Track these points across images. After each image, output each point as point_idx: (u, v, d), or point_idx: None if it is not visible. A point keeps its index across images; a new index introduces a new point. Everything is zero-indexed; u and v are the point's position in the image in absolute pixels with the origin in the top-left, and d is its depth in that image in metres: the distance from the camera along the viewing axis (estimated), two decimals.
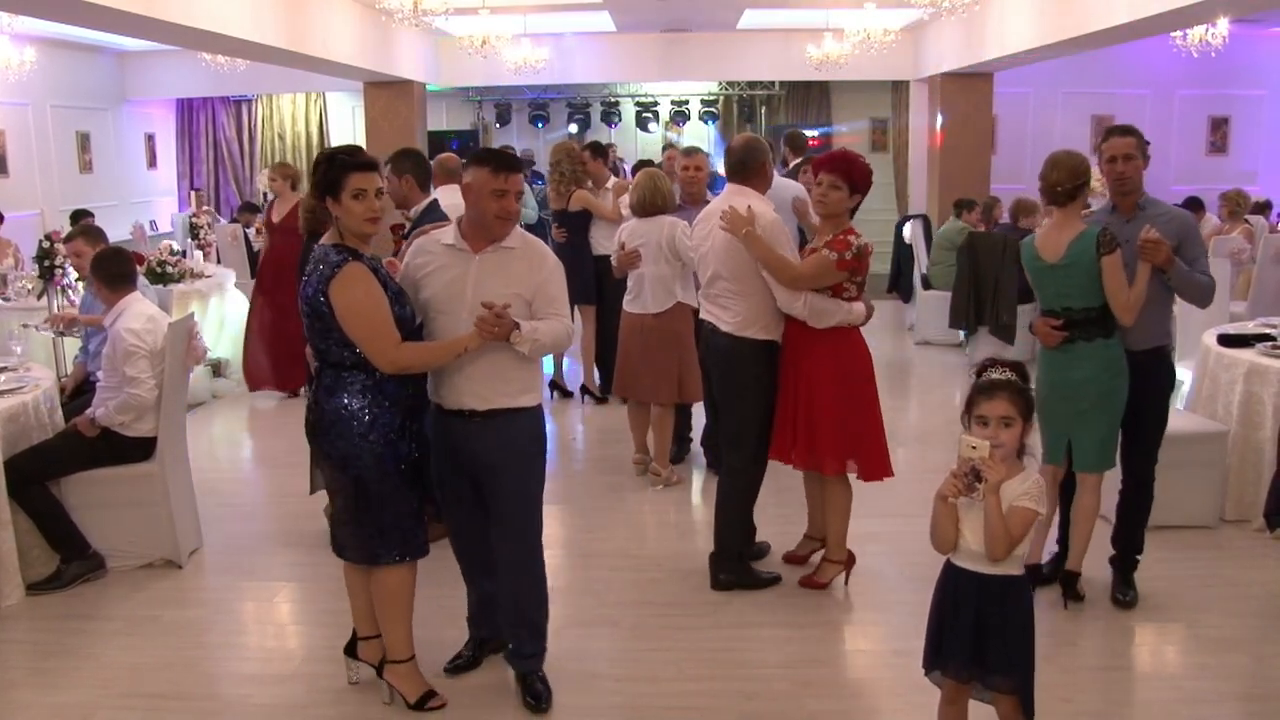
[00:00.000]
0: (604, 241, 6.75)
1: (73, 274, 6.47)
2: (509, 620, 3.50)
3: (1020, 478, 2.71)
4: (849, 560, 4.34)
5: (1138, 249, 3.85)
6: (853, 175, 4.03)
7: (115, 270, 4.65)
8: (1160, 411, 4.11)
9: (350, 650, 3.59)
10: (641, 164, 10.52)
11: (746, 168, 4.28)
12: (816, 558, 4.48)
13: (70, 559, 4.41)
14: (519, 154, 9.39)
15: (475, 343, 3.18)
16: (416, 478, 3.33)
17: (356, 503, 3.26)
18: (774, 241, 4.05)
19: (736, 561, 4.34)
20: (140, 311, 4.55)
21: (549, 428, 3.58)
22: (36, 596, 4.29)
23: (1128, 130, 4.01)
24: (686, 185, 5.77)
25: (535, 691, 3.44)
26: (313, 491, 4.93)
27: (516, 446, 3.34)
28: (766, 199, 4.27)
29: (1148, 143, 4.01)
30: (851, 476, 4.25)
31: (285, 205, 7.69)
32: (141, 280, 5.87)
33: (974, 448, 2.65)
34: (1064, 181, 3.89)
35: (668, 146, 13.99)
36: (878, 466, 4.20)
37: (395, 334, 3.15)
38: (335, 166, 3.16)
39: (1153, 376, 4.03)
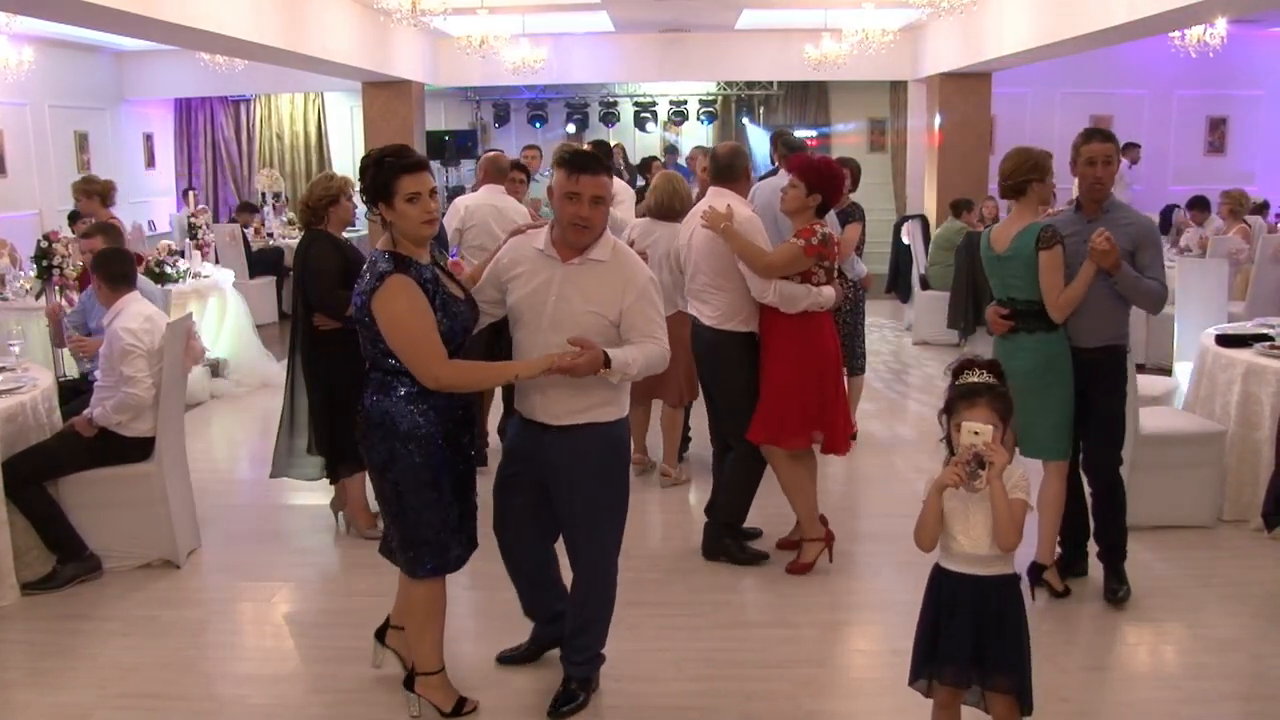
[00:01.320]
0: None
1: (72, 273, 6.46)
2: (569, 623, 3.44)
3: (1007, 471, 2.70)
4: (827, 536, 4.47)
5: (1088, 249, 3.91)
6: (809, 176, 4.27)
7: (116, 270, 4.65)
8: (1111, 410, 4.09)
9: (380, 635, 3.59)
10: (646, 162, 10.52)
11: (733, 172, 4.54)
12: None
13: (66, 560, 4.40)
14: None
15: (527, 372, 3.08)
16: (458, 490, 3.21)
17: (394, 509, 3.18)
18: (749, 235, 4.27)
19: (728, 531, 4.55)
20: (138, 311, 4.55)
21: None
22: (33, 597, 4.28)
23: (1109, 136, 4.08)
24: (704, 185, 5.81)
25: (564, 693, 3.40)
26: (273, 475, 5.05)
27: (589, 461, 3.23)
28: (745, 200, 4.53)
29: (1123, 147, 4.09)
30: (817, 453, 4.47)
31: None
32: (147, 282, 5.87)
33: (976, 433, 2.66)
34: (1010, 175, 4.06)
35: (669, 148, 14.14)
36: (839, 440, 4.43)
37: (439, 349, 3.02)
38: (384, 170, 3.01)
39: (1100, 375, 4.04)
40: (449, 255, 3.31)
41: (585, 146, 7.54)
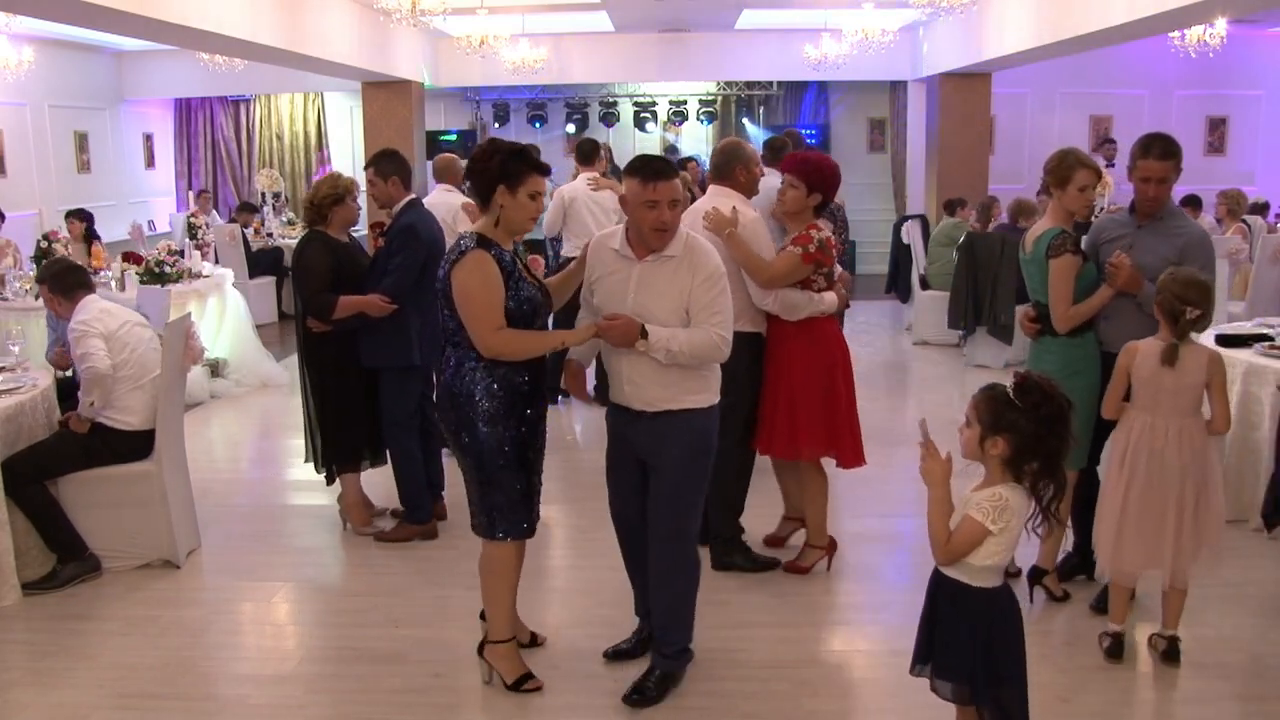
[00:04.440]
0: (576, 243, 6.83)
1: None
2: (654, 613, 3.50)
3: (988, 490, 2.64)
4: (830, 545, 4.46)
5: (1106, 270, 3.85)
6: (809, 175, 4.20)
7: (69, 281, 4.63)
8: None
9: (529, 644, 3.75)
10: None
11: (721, 171, 4.42)
12: (796, 538, 4.61)
13: (66, 560, 4.40)
14: None
15: (573, 339, 3.34)
16: (524, 461, 3.37)
17: (472, 475, 3.36)
18: (753, 242, 4.20)
19: (732, 544, 4.49)
20: (91, 305, 4.54)
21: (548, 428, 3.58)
22: (33, 596, 4.28)
23: (1169, 152, 3.85)
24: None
25: (641, 685, 3.43)
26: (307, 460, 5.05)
27: (676, 446, 3.32)
28: (746, 201, 4.37)
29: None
30: (828, 466, 4.40)
31: None
32: (132, 281, 5.86)
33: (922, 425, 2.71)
34: (1045, 174, 4.05)
35: (668, 149, 14.12)
36: (853, 454, 4.35)
37: (496, 320, 3.21)
38: (521, 161, 3.28)
39: None
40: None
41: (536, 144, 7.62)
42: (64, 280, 4.65)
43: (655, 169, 3.25)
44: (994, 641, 2.67)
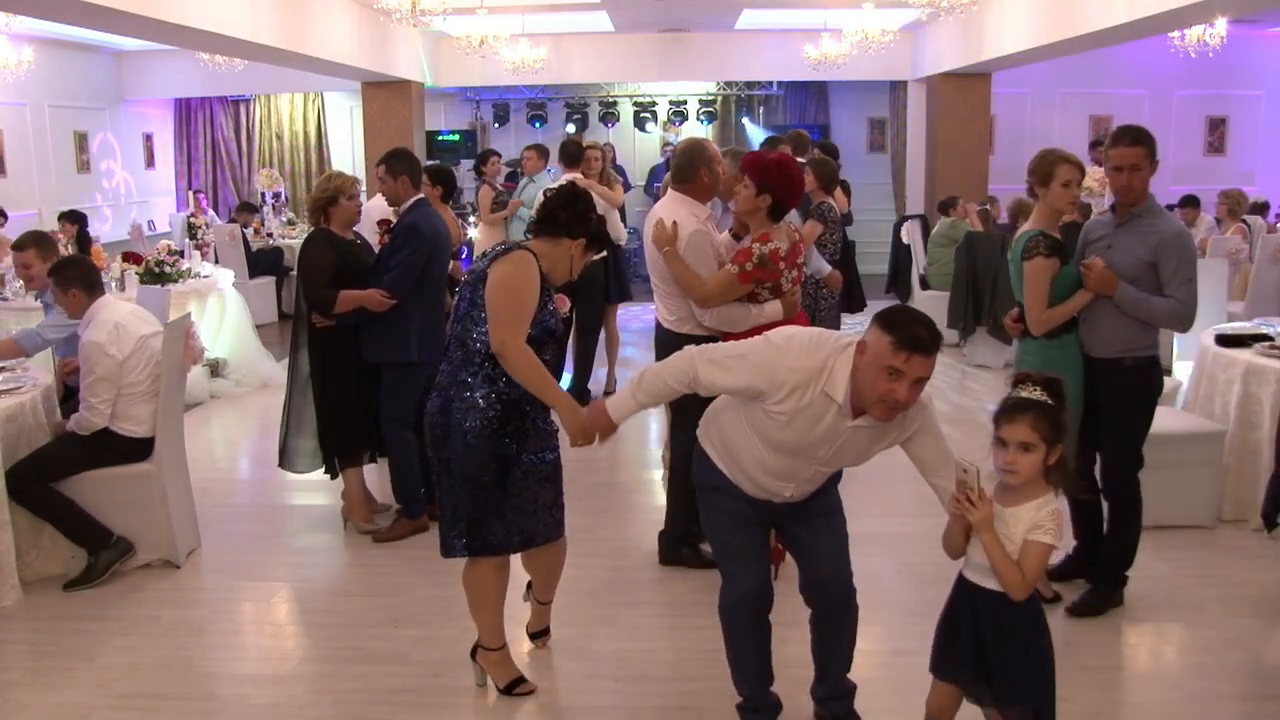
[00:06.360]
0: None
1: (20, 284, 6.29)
2: (833, 674, 3.29)
3: (1037, 504, 2.55)
4: (777, 554, 4.20)
5: (1082, 271, 3.81)
6: (758, 175, 4.01)
7: (93, 278, 4.59)
8: (1119, 426, 3.90)
9: (534, 636, 3.80)
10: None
11: (683, 173, 4.31)
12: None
13: (96, 549, 4.41)
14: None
15: (563, 414, 3.15)
16: (506, 480, 3.27)
17: (442, 486, 3.31)
18: (693, 256, 4.13)
19: (682, 540, 4.52)
20: (106, 320, 4.46)
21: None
22: (34, 596, 4.28)
23: (1138, 139, 3.75)
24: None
25: None
26: (281, 466, 5.14)
27: (829, 502, 3.15)
28: (701, 205, 4.29)
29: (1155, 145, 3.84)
30: None
31: None
32: (132, 281, 5.85)
33: (965, 471, 2.52)
34: (1028, 175, 3.97)
35: (666, 147, 14.12)
36: None
37: (523, 324, 3.17)
38: (601, 239, 3.44)
39: (1108, 387, 3.87)
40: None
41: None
42: (87, 276, 4.54)
43: (918, 340, 2.58)
44: (1043, 648, 2.64)
